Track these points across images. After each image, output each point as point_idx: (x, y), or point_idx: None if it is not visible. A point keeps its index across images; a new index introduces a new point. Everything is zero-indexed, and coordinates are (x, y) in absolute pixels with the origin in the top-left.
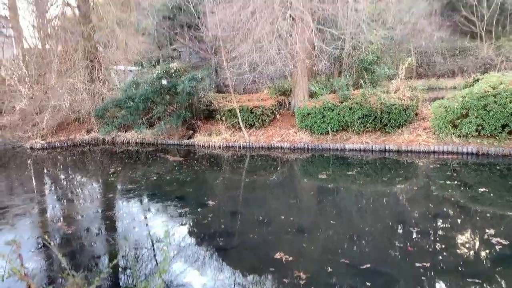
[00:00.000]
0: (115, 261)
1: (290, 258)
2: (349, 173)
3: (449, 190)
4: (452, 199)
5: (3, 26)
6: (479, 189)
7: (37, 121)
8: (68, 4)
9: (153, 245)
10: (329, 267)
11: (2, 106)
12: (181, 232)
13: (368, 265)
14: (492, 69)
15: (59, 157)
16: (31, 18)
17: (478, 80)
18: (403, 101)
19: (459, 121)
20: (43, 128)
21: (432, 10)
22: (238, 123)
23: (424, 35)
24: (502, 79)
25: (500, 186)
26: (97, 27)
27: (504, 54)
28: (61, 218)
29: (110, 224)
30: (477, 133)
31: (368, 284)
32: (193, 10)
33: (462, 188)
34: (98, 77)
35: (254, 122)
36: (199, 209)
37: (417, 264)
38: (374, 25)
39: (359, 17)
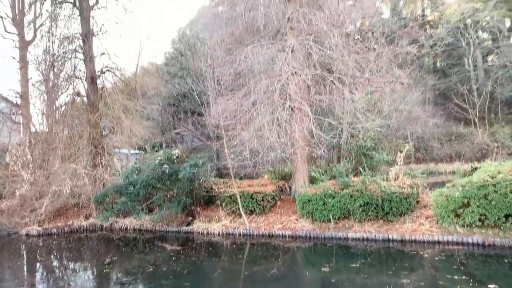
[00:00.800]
0: None
1: None
2: (353, 265)
3: (458, 286)
4: None
5: (14, 113)
6: (489, 285)
7: (36, 206)
8: (78, 94)
9: None
10: None
11: (2, 191)
12: None
13: None
14: (488, 155)
15: (54, 245)
16: (41, 106)
17: (476, 168)
18: (403, 189)
19: (461, 210)
20: (41, 214)
21: (426, 99)
22: (239, 209)
23: (419, 122)
24: (500, 168)
25: (510, 281)
26: (103, 115)
27: (499, 140)
28: None
29: None
30: (481, 223)
31: None
32: (197, 97)
33: (471, 283)
34: (101, 163)
35: (254, 208)
36: None
37: None
38: (370, 114)
39: (355, 107)
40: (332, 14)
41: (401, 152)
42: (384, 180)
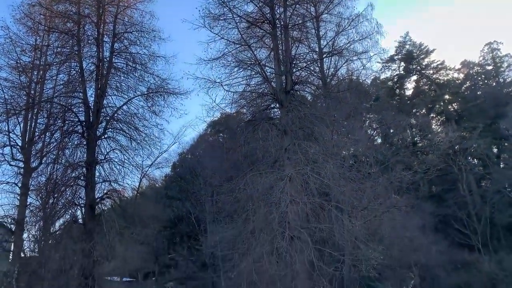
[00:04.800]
0: None
1: None
2: None
3: None
4: None
5: (5, 240)
6: None
7: None
8: (75, 221)
9: None
10: None
11: None
12: None
13: None
14: (498, 284)
15: None
16: (36, 232)
17: None
18: None
19: None
20: None
21: (426, 225)
22: None
23: (422, 249)
24: None
25: None
26: (98, 242)
27: (507, 269)
28: None
29: None
30: None
31: None
32: (194, 221)
33: None
34: None
35: None
36: None
37: None
38: (371, 243)
39: (355, 235)
40: (327, 145)
41: (408, 285)
42: None
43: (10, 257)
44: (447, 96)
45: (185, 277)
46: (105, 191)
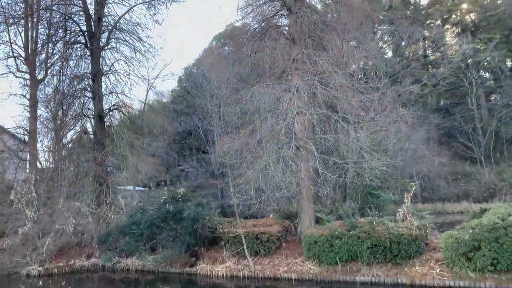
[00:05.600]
0: None
1: None
2: None
3: None
4: None
5: (21, 150)
6: None
7: (37, 245)
8: (85, 132)
9: None
10: None
11: (5, 228)
12: None
13: None
14: (496, 194)
15: (54, 287)
16: (48, 143)
17: (485, 210)
18: (411, 230)
19: (472, 253)
20: (43, 253)
21: (430, 138)
22: (243, 250)
23: (425, 161)
24: (510, 210)
25: None
26: (109, 152)
27: (507, 179)
28: None
29: None
30: (493, 267)
31: None
32: (202, 135)
33: None
34: (105, 201)
35: (259, 250)
36: None
37: None
38: (375, 153)
39: (360, 146)
40: (336, 55)
41: (408, 192)
42: (391, 221)
43: (27, 166)
44: (465, 5)
45: (195, 185)
46: (112, 103)
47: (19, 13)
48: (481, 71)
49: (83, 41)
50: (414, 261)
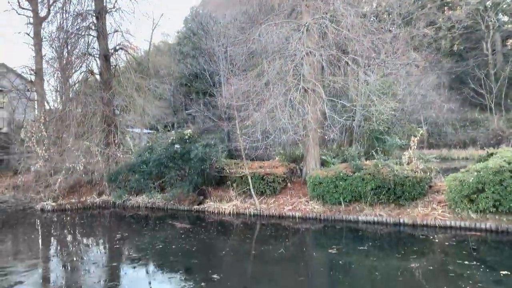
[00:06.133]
0: None
1: None
2: (362, 247)
3: (468, 271)
4: (471, 281)
5: (28, 90)
6: (501, 272)
7: (50, 182)
8: (91, 72)
9: None
10: None
11: (18, 166)
12: None
13: None
14: (504, 141)
15: (68, 220)
16: (55, 83)
17: (492, 154)
18: (416, 173)
19: (475, 195)
20: (55, 190)
21: (441, 83)
22: (249, 190)
23: (434, 107)
24: None
25: None
26: (116, 93)
27: None
28: None
29: None
30: (495, 209)
31: None
32: (209, 78)
33: (481, 269)
34: (114, 141)
35: (265, 190)
36: (203, 284)
37: None
38: (385, 97)
39: (369, 89)
40: None
41: (415, 136)
42: (397, 164)
43: (36, 106)
44: None
45: (203, 129)
46: (118, 43)
47: None
48: (500, 14)
49: None
50: (417, 203)
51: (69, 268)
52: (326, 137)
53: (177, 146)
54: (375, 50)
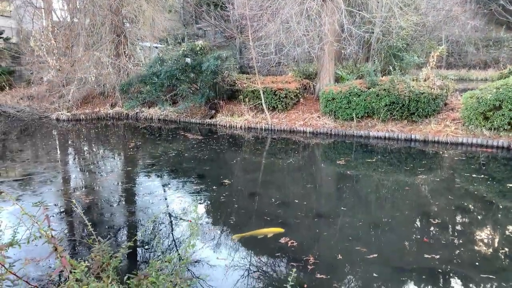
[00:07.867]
0: (136, 236)
1: (296, 243)
2: (370, 160)
3: (475, 184)
4: (476, 193)
5: None
6: (508, 184)
7: (63, 93)
8: None
9: (170, 221)
10: (339, 254)
11: (31, 76)
12: (196, 209)
13: (377, 255)
14: None
15: (83, 129)
16: None
17: None
18: (432, 90)
19: (491, 113)
20: (69, 100)
21: None
22: (261, 104)
23: (457, 23)
24: None
25: None
26: (125, 2)
27: None
28: (82, 188)
29: (127, 197)
30: (509, 127)
31: (376, 274)
32: None
33: (488, 182)
34: (124, 52)
35: (277, 105)
36: (214, 187)
37: (431, 256)
38: (407, 10)
39: (391, 0)
40: None
41: (435, 51)
42: (413, 80)
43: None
44: None
45: (214, 45)
46: None
47: None
48: None
49: None
50: (430, 120)
51: (86, 171)
52: (342, 51)
53: (188, 59)
54: None
